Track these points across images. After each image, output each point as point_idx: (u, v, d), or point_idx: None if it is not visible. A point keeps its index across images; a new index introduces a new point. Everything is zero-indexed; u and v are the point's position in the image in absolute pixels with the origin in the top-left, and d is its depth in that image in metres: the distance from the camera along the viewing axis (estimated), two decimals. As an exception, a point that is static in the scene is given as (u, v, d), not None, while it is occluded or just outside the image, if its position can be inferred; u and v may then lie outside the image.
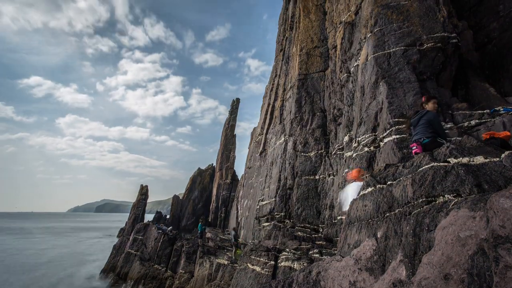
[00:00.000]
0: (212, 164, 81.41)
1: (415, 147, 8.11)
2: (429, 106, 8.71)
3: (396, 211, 6.30)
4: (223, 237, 36.67)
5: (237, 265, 19.94)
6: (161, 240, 32.38)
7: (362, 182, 10.67)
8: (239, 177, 61.77)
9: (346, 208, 10.69)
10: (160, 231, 34.39)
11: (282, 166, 22.53)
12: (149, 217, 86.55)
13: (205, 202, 72.30)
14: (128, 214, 72.41)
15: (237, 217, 41.65)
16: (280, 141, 24.86)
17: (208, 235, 34.83)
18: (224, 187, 64.72)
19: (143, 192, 70.48)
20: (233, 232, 29.61)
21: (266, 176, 26.27)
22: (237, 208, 43.69)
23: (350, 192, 10.32)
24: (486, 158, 5.66)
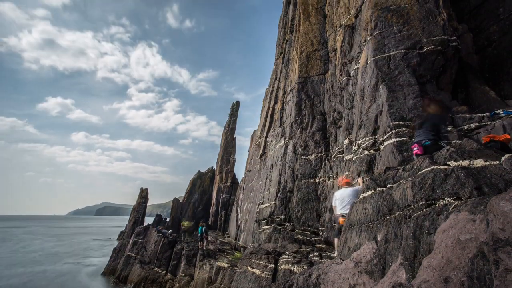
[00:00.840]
0: (212, 167, 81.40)
1: (416, 148, 8.11)
2: (433, 108, 8.68)
3: (396, 214, 6.30)
4: (223, 240, 36.63)
5: (237, 268, 19.92)
6: (161, 243, 32.35)
7: (348, 188, 11.67)
8: (239, 180, 61.77)
9: (336, 212, 11.59)
10: (160, 234, 34.38)
11: (282, 169, 22.53)
12: (149, 220, 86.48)
13: (205, 205, 72.27)
14: (128, 217, 72.34)
15: (237, 220, 41.63)
16: (280, 144, 24.87)
17: (208, 238, 34.79)
18: (224, 190, 64.69)
19: (143, 195, 70.42)
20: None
21: (266, 179, 26.26)
22: (237, 211, 43.68)
23: (340, 200, 11.49)
24: (486, 161, 5.66)
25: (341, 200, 11.44)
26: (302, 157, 21.16)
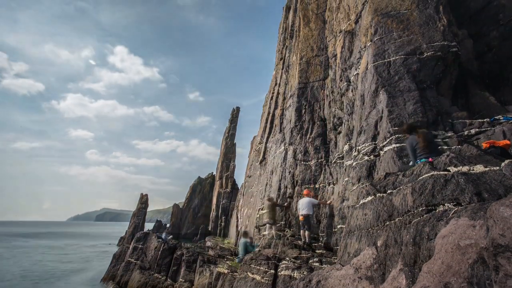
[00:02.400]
0: (212, 172, 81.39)
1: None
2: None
3: (396, 220, 6.29)
4: (223, 246, 36.56)
5: (237, 274, 19.85)
6: (161, 249, 32.29)
7: (311, 198, 17.45)
8: (239, 186, 61.72)
9: (299, 213, 17.37)
10: (160, 239, 34.32)
11: (282, 175, 22.52)
12: (149, 226, 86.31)
13: (205, 210, 72.20)
14: (128, 223, 72.23)
15: (237, 226, 41.54)
16: (280, 150, 24.86)
17: (208, 243, 34.71)
18: (224, 195, 64.67)
19: (143, 201, 70.38)
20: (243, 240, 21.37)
21: (266, 185, 26.24)
22: (237, 217, 43.60)
23: (301, 205, 17.45)
24: (486, 167, 5.65)
25: (301, 205, 17.32)
26: (302, 162, 21.15)
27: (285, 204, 21.05)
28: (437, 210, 5.40)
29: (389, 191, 7.10)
